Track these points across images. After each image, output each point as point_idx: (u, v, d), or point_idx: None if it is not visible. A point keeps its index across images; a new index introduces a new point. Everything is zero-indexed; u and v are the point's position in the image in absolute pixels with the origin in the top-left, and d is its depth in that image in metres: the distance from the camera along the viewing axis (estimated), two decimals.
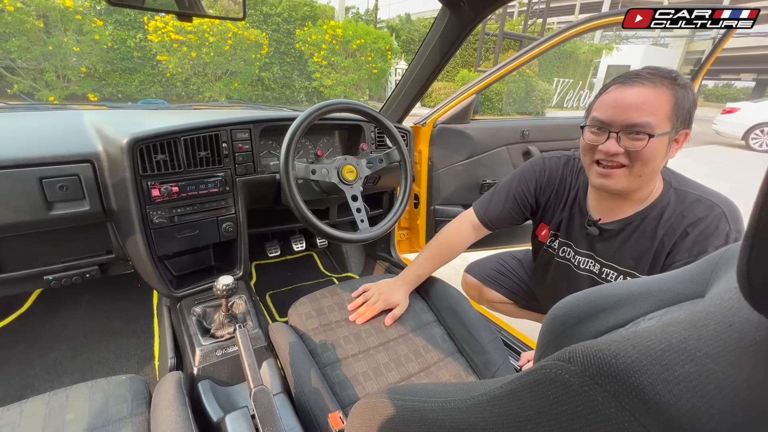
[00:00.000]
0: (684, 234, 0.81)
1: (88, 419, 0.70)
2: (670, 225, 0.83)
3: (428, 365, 0.97)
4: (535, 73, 12.09)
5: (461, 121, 1.66)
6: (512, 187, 1.08)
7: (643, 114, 0.74)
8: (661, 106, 0.74)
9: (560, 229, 1.03)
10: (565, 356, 0.25)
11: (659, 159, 0.78)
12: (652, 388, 0.20)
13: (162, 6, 1.04)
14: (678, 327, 0.24)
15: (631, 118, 0.75)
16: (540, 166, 1.05)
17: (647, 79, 0.75)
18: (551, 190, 1.03)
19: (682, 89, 0.75)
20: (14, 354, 1.24)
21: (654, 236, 0.84)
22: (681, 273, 0.38)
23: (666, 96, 0.74)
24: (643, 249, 0.86)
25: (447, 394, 0.36)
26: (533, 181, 1.06)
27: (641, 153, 0.76)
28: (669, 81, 0.75)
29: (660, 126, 0.75)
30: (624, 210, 0.88)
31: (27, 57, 5.88)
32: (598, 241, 0.94)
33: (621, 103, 0.77)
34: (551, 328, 0.41)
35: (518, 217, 1.10)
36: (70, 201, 0.95)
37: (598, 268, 0.96)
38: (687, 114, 0.76)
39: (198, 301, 1.10)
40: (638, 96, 0.75)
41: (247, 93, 8.07)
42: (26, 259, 1.03)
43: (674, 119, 0.75)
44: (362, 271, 1.87)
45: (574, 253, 1.01)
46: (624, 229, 0.89)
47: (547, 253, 1.10)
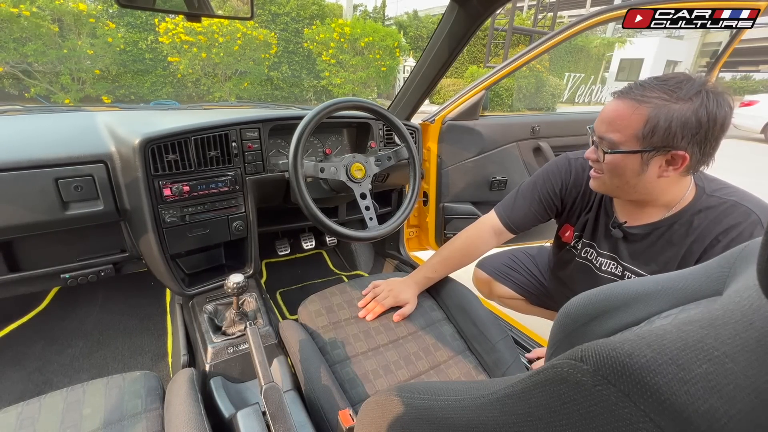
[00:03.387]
0: (715, 242, 0.77)
1: (104, 414, 0.72)
2: (700, 232, 0.79)
3: (438, 363, 0.97)
4: (546, 68, 11.92)
5: (470, 118, 1.64)
6: (537, 188, 1.06)
7: (609, 129, 0.76)
8: (630, 125, 0.73)
9: (585, 230, 1.01)
10: (578, 355, 0.25)
11: (629, 175, 0.78)
12: (667, 388, 0.20)
13: (172, 7, 1.06)
14: (695, 326, 0.23)
15: (599, 131, 0.79)
16: (566, 167, 1.03)
17: (633, 94, 0.74)
18: (577, 191, 1.01)
19: (680, 104, 0.68)
20: (34, 350, 1.27)
21: (682, 243, 0.81)
22: (698, 270, 0.37)
23: (639, 114, 0.72)
24: (670, 255, 0.84)
25: (457, 393, 0.36)
26: (558, 182, 1.03)
27: (606, 166, 0.79)
28: (663, 95, 0.70)
29: (624, 144, 0.75)
30: (650, 215, 0.86)
31: (43, 60, 6.01)
32: (622, 243, 0.92)
33: (602, 113, 0.79)
34: (563, 326, 0.40)
35: (543, 219, 1.08)
36: (85, 201, 0.97)
37: (621, 271, 0.94)
38: (670, 134, 0.69)
39: (209, 299, 1.11)
40: (613, 111, 0.76)
41: (257, 92, 8.13)
42: (44, 258, 1.06)
43: (643, 139, 0.72)
44: (371, 269, 1.87)
45: (597, 254, 0.99)
46: (650, 234, 0.86)
47: (569, 252, 1.08)
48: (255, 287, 1.17)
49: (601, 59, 15.53)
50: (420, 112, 1.54)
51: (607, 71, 17.78)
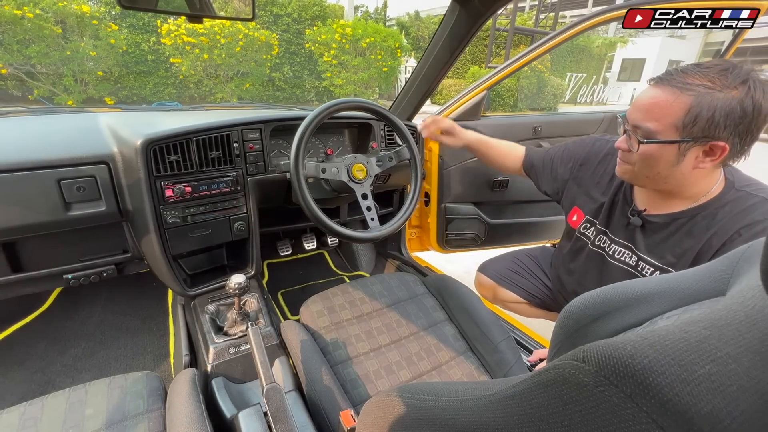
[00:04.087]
0: (735, 235, 0.74)
1: (106, 414, 0.72)
2: (721, 225, 0.76)
3: (440, 364, 0.97)
4: (547, 68, 11.90)
5: (472, 118, 1.64)
6: (556, 153, 1.13)
7: (646, 118, 0.74)
8: (670, 113, 0.70)
9: (599, 216, 0.99)
10: (579, 355, 0.24)
11: (662, 166, 0.75)
12: (670, 389, 0.20)
13: (174, 8, 1.06)
14: (698, 326, 0.23)
15: (635, 120, 0.76)
16: (583, 146, 1.06)
17: (674, 81, 0.70)
18: (587, 171, 1.02)
19: (725, 93, 0.66)
20: (36, 350, 1.28)
21: (701, 236, 0.79)
22: (701, 270, 0.37)
23: (681, 102, 0.69)
24: (687, 247, 0.82)
25: (458, 393, 0.36)
26: (570, 159, 1.07)
27: (639, 156, 0.77)
28: (707, 83, 0.67)
29: (661, 133, 0.72)
30: (672, 205, 0.84)
31: (46, 62, 6.05)
32: (639, 232, 0.90)
33: (637, 101, 0.76)
34: (565, 327, 0.40)
35: (548, 178, 1.14)
36: (88, 201, 0.97)
37: (635, 261, 0.91)
38: (712, 123, 0.67)
39: (211, 300, 1.11)
40: (651, 98, 0.73)
41: (258, 93, 8.15)
42: (46, 259, 1.06)
43: (683, 128, 0.70)
44: (373, 270, 1.87)
45: (610, 242, 0.97)
46: (669, 224, 0.84)
47: (580, 240, 1.06)
48: (257, 288, 1.17)
49: (603, 59, 15.50)
50: (421, 113, 1.54)
51: (609, 71, 17.73)
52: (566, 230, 1.15)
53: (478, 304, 1.09)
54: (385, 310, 1.10)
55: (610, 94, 16.13)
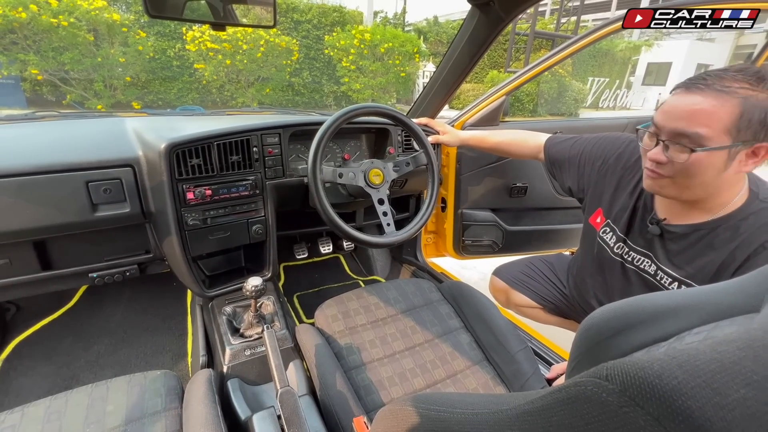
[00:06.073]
0: (761, 249, 0.71)
1: (126, 411, 0.74)
2: (745, 238, 0.73)
3: (454, 372, 0.96)
4: (569, 72, 11.70)
5: (491, 123, 1.62)
6: (586, 146, 1.08)
7: (693, 124, 0.68)
8: (719, 117, 0.66)
9: (620, 222, 0.97)
10: (602, 373, 0.23)
11: (710, 173, 0.71)
12: (701, 413, 0.19)
13: (198, 17, 1.09)
14: (731, 346, 0.22)
15: (678, 127, 0.70)
16: (617, 145, 1.02)
17: (712, 84, 0.67)
18: (617, 172, 0.98)
19: (767, 94, 0.65)
20: (63, 346, 1.32)
21: (724, 248, 0.76)
22: (732, 284, 0.35)
23: (730, 106, 0.65)
24: (707, 260, 0.78)
25: (474, 406, 0.35)
26: (601, 156, 1.03)
27: (683, 166, 0.71)
28: (746, 86, 0.66)
29: (713, 139, 0.67)
30: (694, 216, 0.81)
31: (78, 68, 6.33)
32: (658, 241, 0.88)
33: (673, 108, 0.71)
34: (586, 339, 0.39)
35: (574, 174, 1.10)
36: (113, 203, 1.00)
37: (654, 270, 0.89)
38: (764, 125, 0.66)
39: (229, 301, 1.13)
40: (691, 105, 0.69)
41: (278, 98, 8.31)
42: (73, 258, 1.10)
43: (736, 132, 0.66)
44: (388, 275, 1.86)
45: (629, 249, 0.95)
46: (689, 235, 0.81)
47: (600, 247, 1.03)
48: (273, 290, 1.19)
49: (627, 63, 15.13)
50: (439, 118, 1.53)
51: (633, 75, 17.28)
52: (585, 232, 1.12)
53: (495, 312, 1.07)
54: (400, 316, 1.09)
55: (634, 98, 15.69)
